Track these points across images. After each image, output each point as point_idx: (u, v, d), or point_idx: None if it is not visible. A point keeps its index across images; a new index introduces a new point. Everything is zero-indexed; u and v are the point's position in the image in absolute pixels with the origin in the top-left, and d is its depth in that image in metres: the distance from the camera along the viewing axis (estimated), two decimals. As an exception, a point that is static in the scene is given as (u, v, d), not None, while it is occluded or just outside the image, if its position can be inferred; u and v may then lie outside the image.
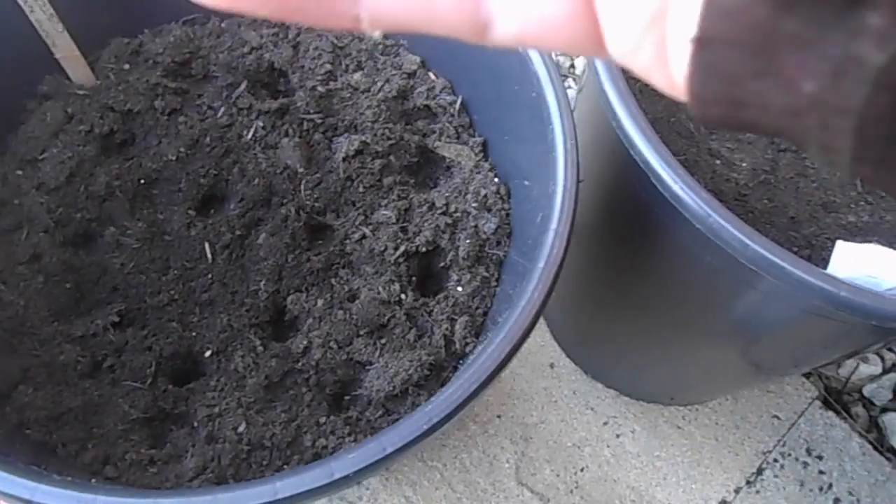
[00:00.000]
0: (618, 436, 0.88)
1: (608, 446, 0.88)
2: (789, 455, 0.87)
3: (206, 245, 0.55)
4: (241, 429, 0.47)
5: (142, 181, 0.56)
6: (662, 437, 0.88)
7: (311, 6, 0.16)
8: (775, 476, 0.86)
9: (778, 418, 0.88)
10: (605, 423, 0.89)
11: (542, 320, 0.92)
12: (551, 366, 0.90)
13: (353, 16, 0.17)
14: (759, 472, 0.86)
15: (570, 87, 1.05)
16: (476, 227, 0.54)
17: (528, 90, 0.51)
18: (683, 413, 0.89)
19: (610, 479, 0.86)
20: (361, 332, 0.52)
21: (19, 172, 0.55)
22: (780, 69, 0.13)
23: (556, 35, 0.16)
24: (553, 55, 0.50)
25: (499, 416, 0.87)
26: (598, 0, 0.15)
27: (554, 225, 0.44)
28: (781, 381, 0.91)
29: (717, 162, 0.59)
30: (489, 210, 0.54)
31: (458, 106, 0.60)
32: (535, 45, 0.17)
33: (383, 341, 0.52)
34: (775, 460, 0.86)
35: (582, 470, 0.86)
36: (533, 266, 0.42)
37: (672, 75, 0.15)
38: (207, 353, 0.51)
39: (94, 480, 0.44)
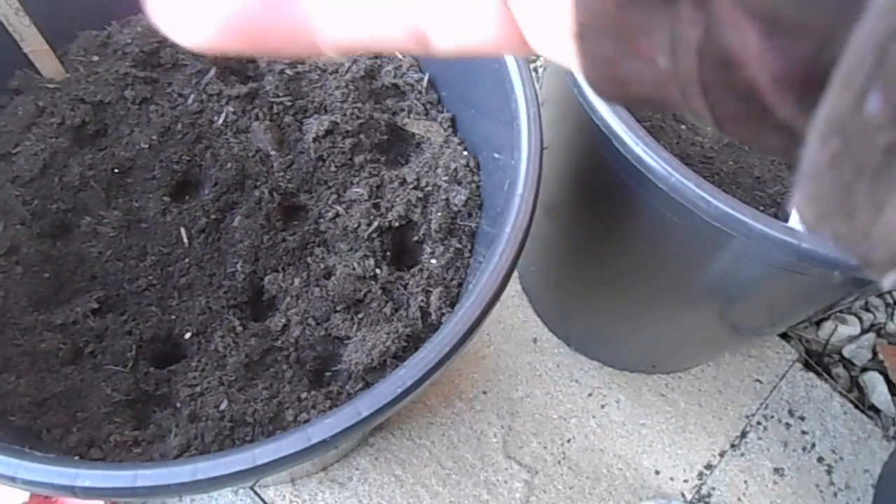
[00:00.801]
0: (603, 406, 0.90)
1: (594, 417, 0.89)
2: (772, 417, 0.88)
3: (182, 230, 0.56)
4: (223, 406, 0.48)
5: (116, 170, 0.57)
6: (647, 405, 0.89)
7: (272, 39, 0.19)
8: (759, 438, 0.87)
9: (760, 382, 0.90)
10: (590, 395, 0.90)
11: (523, 296, 0.94)
12: (534, 340, 0.91)
13: (311, 44, 0.19)
14: (743, 434, 0.87)
15: (537, 62, 1.06)
16: (447, 199, 0.55)
17: (490, 63, 0.52)
18: (667, 381, 0.91)
19: (597, 449, 0.87)
20: (339, 308, 0.53)
21: (-8, 166, 0.55)
22: (637, 50, 0.16)
23: (487, 45, 0.19)
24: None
25: (484, 392, 0.88)
26: (516, 13, 0.18)
27: (519, 191, 0.44)
28: (762, 344, 0.93)
29: (682, 127, 0.60)
30: (459, 183, 0.55)
31: (425, 83, 0.61)
32: (472, 54, 0.20)
33: (360, 316, 0.53)
34: (758, 423, 0.88)
35: (569, 441, 0.88)
36: (500, 231, 0.43)
37: None
38: (187, 335, 0.52)
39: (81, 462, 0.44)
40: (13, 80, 0.58)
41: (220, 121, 0.58)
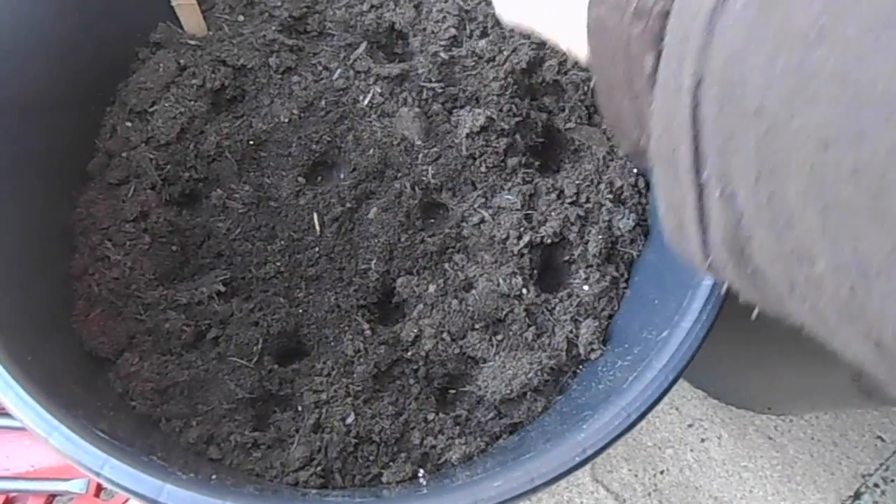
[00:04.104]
0: (703, 440, 0.84)
1: (691, 450, 0.84)
2: (892, 481, 0.81)
3: (315, 216, 0.52)
4: (349, 420, 0.44)
5: (251, 142, 0.53)
6: (751, 446, 0.83)
7: None
8: (874, 502, 0.80)
9: (882, 440, 0.83)
10: (690, 426, 0.84)
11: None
12: (640, 361, 0.86)
13: None
14: (857, 496, 0.81)
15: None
16: (610, 221, 0.49)
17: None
18: (776, 423, 0.84)
19: (691, 486, 0.82)
20: (476, 326, 0.48)
21: (129, 124, 0.52)
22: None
23: None
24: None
25: (581, 409, 0.83)
26: None
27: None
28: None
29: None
30: (624, 204, 0.50)
31: (592, 84, 0.55)
32: None
33: (499, 337, 0.48)
34: (876, 485, 0.81)
35: (661, 472, 0.82)
36: (694, 279, 0.37)
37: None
38: (314, 333, 0.48)
39: (197, 461, 0.42)
40: (156, 33, 0.55)
41: (366, 101, 0.54)
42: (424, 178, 0.52)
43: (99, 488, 0.68)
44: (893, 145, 0.19)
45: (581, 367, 0.48)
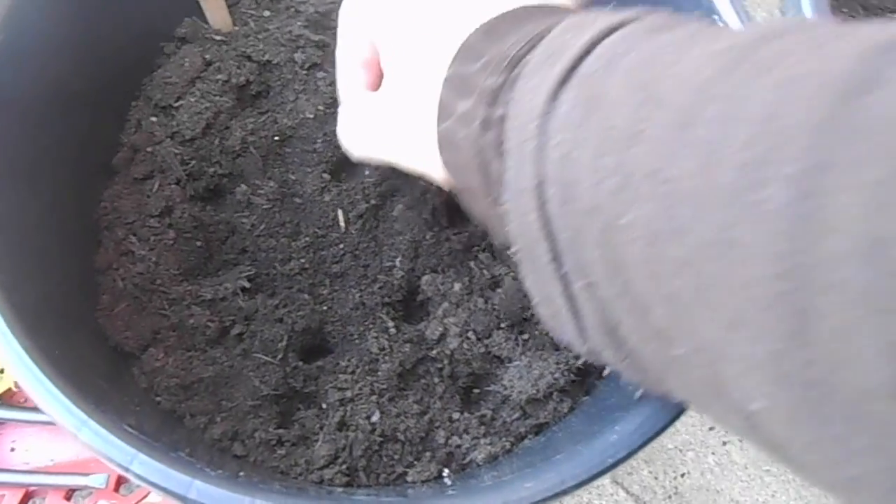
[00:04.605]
0: (724, 443, 0.83)
1: (713, 453, 0.83)
2: (916, 487, 0.80)
3: (340, 212, 0.51)
4: (374, 418, 0.44)
5: (276, 138, 0.53)
6: (773, 450, 0.82)
7: None
8: (898, 508, 0.79)
9: (906, 446, 0.82)
10: (712, 429, 0.83)
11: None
12: (661, 363, 0.85)
13: None
14: (881, 501, 0.79)
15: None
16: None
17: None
18: (798, 428, 0.83)
19: (712, 489, 0.81)
20: (502, 325, 0.48)
21: (154, 119, 0.52)
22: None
23: None
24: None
25: (601, 411, 0.82)
26: None
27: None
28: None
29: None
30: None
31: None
32: None
33: (525, 337, 0.48)
34: (900, 491, 0.80)
35: (682, 475, 0.82)
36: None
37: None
38: (338, 330, 0.48)
39: (222, 458, 0.41)
40: (181, 28, 0.55)
41: (391, 98, 0.53)
42: (450, 176, 0.52)
43: (119, 483, 0.68)
44: (704, 241, 0.20)
45: (608, 368, 0.47)
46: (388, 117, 0.36)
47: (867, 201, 0.17)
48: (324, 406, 0.45)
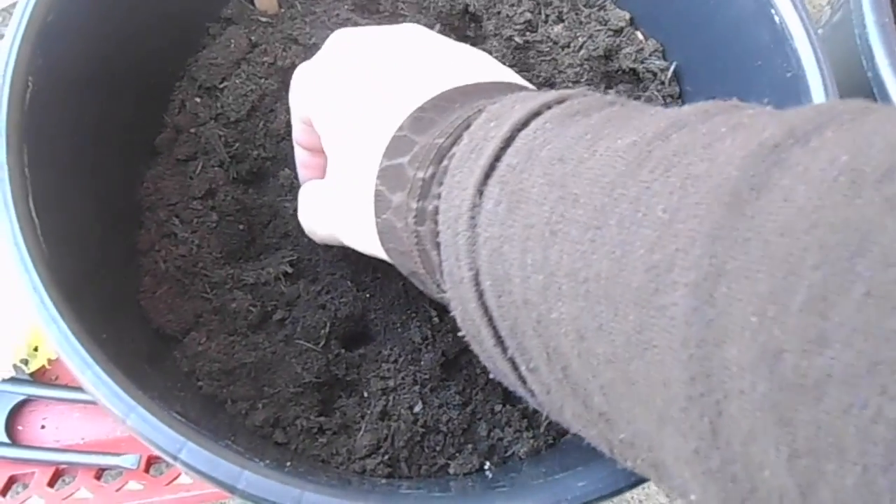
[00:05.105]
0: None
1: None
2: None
3: (382, 200, 0.51)
4: (416, 408, 0.43)
5: (319, 122, 0.52)
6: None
7: None
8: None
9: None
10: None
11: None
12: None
13: None
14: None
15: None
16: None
17: (778, 68, 0.44)
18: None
19: None
20: (547, 318, 0.47)
21: (198, 100, 0.51)
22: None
23: None
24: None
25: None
26: None
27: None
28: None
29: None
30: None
31: (670, 74, 0.53)
32: None
33: (570, 331, 0.47)
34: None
35: None
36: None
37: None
38: (381, 318, 0.48)
39: (263, 445, 0.41)
40: (227, 9, 0.54)
41: (437, 84, 0.52)
42: (495, 165, 0.51)
43: (149, 463, 0.68)
44: (624, 341, 0.21)
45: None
46: (334, 206, 0.37)
47: (761, 312, 0.17)
48: (365, 395, 0.45)
